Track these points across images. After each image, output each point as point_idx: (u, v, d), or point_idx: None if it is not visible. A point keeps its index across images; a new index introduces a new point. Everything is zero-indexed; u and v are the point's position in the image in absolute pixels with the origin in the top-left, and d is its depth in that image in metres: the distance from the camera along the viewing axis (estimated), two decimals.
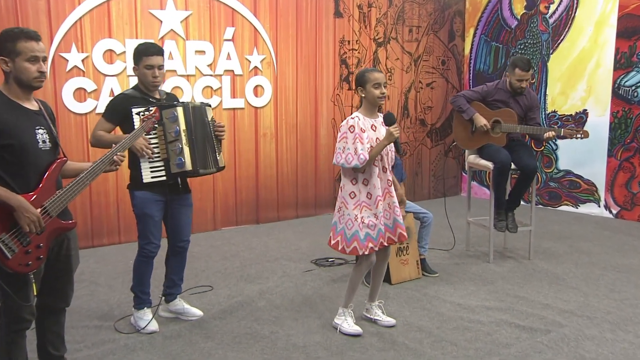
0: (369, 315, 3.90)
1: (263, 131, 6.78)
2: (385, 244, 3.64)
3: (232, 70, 6.46)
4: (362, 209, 3.52)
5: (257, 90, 6.70)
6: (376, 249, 3.55)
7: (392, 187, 3.65)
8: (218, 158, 3.78)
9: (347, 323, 3.77)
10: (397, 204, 3.64)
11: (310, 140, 7.20)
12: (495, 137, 5.26)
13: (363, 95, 3.52)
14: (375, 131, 3.53)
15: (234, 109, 6.54)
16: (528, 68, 5.14)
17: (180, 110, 3.61)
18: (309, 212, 7.26)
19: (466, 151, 5.65)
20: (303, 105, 7.11)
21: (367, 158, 3.42)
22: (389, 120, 3.48)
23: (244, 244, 5.97)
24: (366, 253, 3.54)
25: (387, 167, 3.61)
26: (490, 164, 5.21)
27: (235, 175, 6.66)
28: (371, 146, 3.49)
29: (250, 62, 6.59)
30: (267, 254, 5.61)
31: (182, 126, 3.60)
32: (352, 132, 3.45)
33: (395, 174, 4.77)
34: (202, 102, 3.77)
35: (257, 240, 6.12)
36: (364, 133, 3.46)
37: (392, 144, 3.59)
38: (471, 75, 8.55)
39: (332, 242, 3.64)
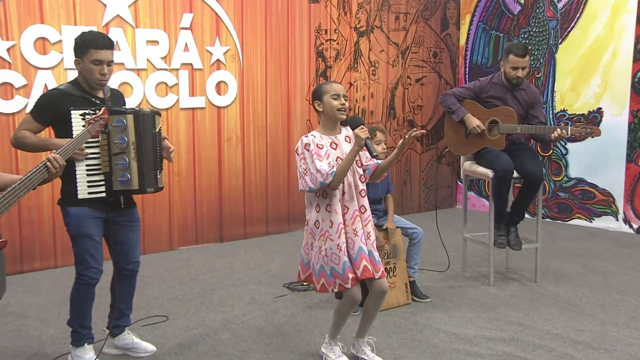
0: (355, 353, 3.91)
1: (227, 135, 6.78)
2: (359, 277, 3.59)
3: (191, 64, 6.45)
4: (326, 239, 3.55)
5: (220, 87, 6.69)
6: (348, 285, 3.56)
7: (368, 215, 3.67)
8: (159, 177, 3.76)
9: (333, 354, 3.82)
10: (369, 232, 3.65)
11: (282, 145, 7.20)
12: (493, 139, 5.30)
13: (320, 109, 3.58)
14: (336, 149, 3.59)
15: (193, 108, 6.53)
16: (523, 53, 5.16)
17: (130, 119, 3.58)
18: (281, 228, 7.26)
19: (462, 157, 5.68)
20: (274, 104, 7.11)
21: (333, 170, 3.46)
22: (354, 123, 3.53)
23: (205, 266, 5.96)
24: (335, 290, 3.58)
25: (353, 188, 3.63)
26: (489, 172, 5.24)
27: (195, 186, 6.64)
28: (337, 162, 3.56)
29: (211, 54, 6.58)
30: (233, 277, 5.59)
31: (132, 137, 3.58)
32: (308, 151, 3.50)
33: (380, 185, 4.78)
34: (152, 110, 3.74)
35: (220, 262, 6.10)
36: (321, 149, 3.52)
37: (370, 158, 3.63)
38: (467, 69, 8.60)
39: (302, 276, 3.70)
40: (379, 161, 3.68)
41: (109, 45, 3.62)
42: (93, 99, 3.66)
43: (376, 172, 3.68)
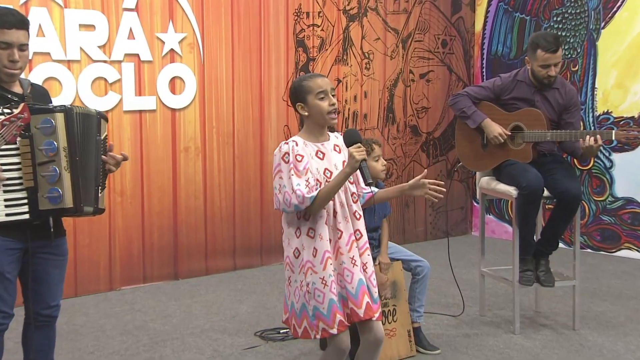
0: None
1: (184, 144, 6.83)
2: (346, 322, 3.60)
3: (137, 55, 6.48)
4: (307, 271, 3.58)
5: (175, 84, 6.72)
6: (334, 330, 3.55)
7: (365, 243, 3.72)
8: (100, 195, 3.72)
9: None
10: (366, 264, 3.69)
11: (254, 157, 7.24)
12: (517, 150, 5.35)
13: (306, 113, 3.63)
14: (323, 159, 3.65)
15: (140, 111, 6.56)
16: (555, 47, 5.18)
17: (60, 118, 3.51)
18: (252, 261, 7.31)
19: (477, 173, 5.72)
20: (243, 106, 7.15)
21: (313, 194, 3.50)
22: (350, 139, 3.58)
23: (156, 311, 5.97)
24: (318, 337, 3.58)
25: (346, 208, 3.68)
26: (512, 190, 5.28)
27: (143, 208, 6.67)
28: (323, 180, 3.62)
29: (163, 43, 6.61)
30: (191, 325, 5.60)
31: (62, 142, 3.51)
32: (286, 163, 3.56)
33: (378, 208, 4.77)
34: (98, 112, 3.71)
35: (175, 305, 6.12)
36: (300, 162, 3.56)
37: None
38: (485, 62, 8.64)
39: (283, 318, 3.75)
40: (375, 189, 3.74)
41: (21, 23, 3.55)
42: (7, 95, 3.58)
43: (369, 202, 3.76)
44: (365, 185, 3.58)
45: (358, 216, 3.68)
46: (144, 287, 6.61)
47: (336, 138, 3.73)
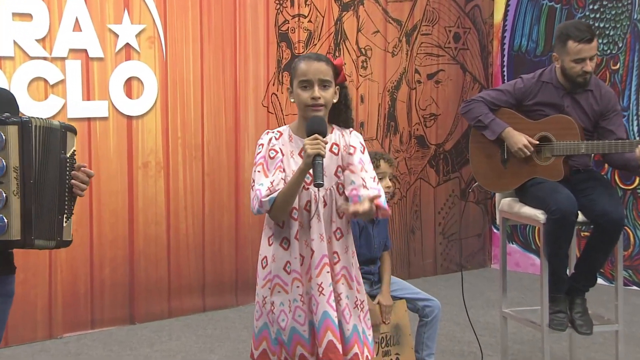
0: None
1: (143, 159, 6.82)
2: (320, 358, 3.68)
3: (85, 51, 6.46)
4: (273, 288, 3.71)
5: (132, 86, 6.73)
6: None
7: (341, 269, 3.76)
8: (64, 224, 3.66)
9: None
10: (343, 292, 3.73)
11: (228, 175, 7.25)
12: (544, 166, 5.37)
13: (292, 100, 3.80)
14: None
15: (88, 119, 6.53)
16: (589, 35, 5.16)
17: (13, 132, 3.46)
18: (226, 300, 7.30)
19: (497, 194, 5.76)
20: (214, 113, 7.17)
21: (272, 196, 3.61)
22: (309, 128, 3.65)
23: None
24: None
25: (323, 225, 3.72)
26: (539, 214, 5.27)
27: (92, 237, 6.63)
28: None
29: (117, 36, 6.60)
30: None
31: (14, 160, 3.46)
32: (259, 155, 3.75)
33: (378, 235, 4.92)
34: (62, 124, 3.66)
35: (130, 355, 6.09)
36: (272, 159, 3.71)
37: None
38: (506, 60, 8.68)
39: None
40: (366, 193, 3.65)
41: None
42: None
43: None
44: (313, 185, 3.59)
45: (338, 236, 3.75)
46: (92, 333, 6.56)
47: (342, 137, 3.79)
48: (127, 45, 6.63)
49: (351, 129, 3.85)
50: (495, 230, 8.79)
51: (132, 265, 6.81)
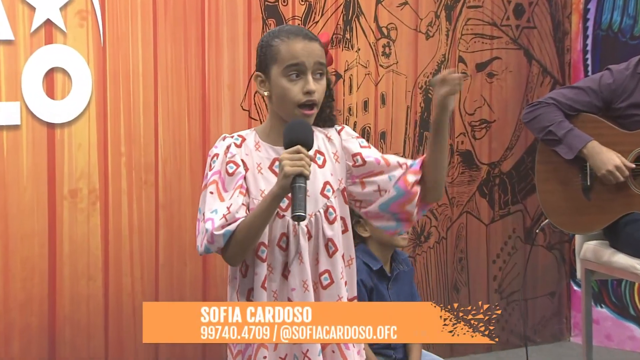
0: None
1: (70, 185, 6.66)
2: None
3: None
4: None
5: (55, 81, 6.59)
6: None
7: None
8: None
9: None
10: None
11: (192, 207, 6.95)
12: None
13: (265, 92, 3.81)
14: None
15: None
16: None
17: None
18: None
19: (577, 235, 6.00)
20: (173, 118, 7.01)
21: (228, 229, 3.59)
22: (288, 136, 3.64)
23: None
24: None
25: (308, 269, 3.75)
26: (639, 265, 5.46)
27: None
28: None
29: (34, 9, 6.43)
30: None
31: None
32: (211, 170, 3.72)
33: (395, 295, 5.22)
34: None
35: None
36: (231, 175, 3.69)
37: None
38: (590, 43, 8.51)
39: None
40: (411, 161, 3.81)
41: None
42: None
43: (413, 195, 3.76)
44: (292, 217, 3.53)
45: (326, 282, 3.80)
46: None
47: (328, 140, 3.84)
48: (48, 22, 6.49)
49: (337, 126, 3.88)
50: (575, 288, 8.62)
51: (52, 338, 6.65)
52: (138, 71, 6.86)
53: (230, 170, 3.68)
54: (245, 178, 3.71)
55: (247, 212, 3.67)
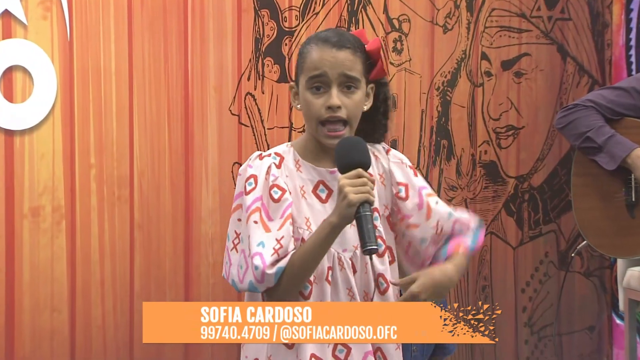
0: None
1: (32, 202, 6.65)
2: None
3: None
4: None
5: (13, 81, 6.59)
6: None
7: None
8: None
9: None
10: None
11: (173, 227, 7.06)
12: None
13: (298, 105, 3.83)
14: (327, 202, 3.77)
15: None
16: None
17: None
18: None
19: (619, 261, 6.14)
20: (150, 125, 6.97)
21: (279, 266, 3.57)
22: (343, 158, 3.64)
23: None
24: None
25: (355, 295, 3.76)
26: None
27: None
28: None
29: None
30: None
31: None
32: (248, 195, 3.66)
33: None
34: None
35: None
36: (277, 201, 3.65)
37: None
38: (634, 37, 8.48)
39: None
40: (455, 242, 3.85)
41: None
42: None
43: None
44: (363, 252, 3.55)
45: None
46: None
47: (376, 160, 3.80)
48: (6, 13, 6.52)
49: (384, 145, 3.85)
50: (618, 321, 8.42)
51: None
52: (110, 70, 6.79)
53: (276, 196, 3.66)
54: (291, 205, 3.67)
55: (281, 241, 3.63)
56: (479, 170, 7.98)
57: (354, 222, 3.56)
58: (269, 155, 3.74)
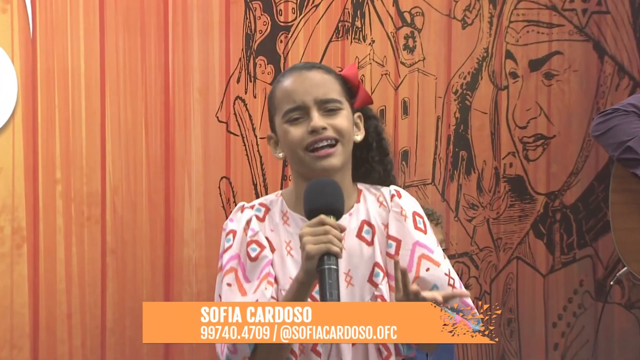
0: None
1: None
2: None
3: None
4: None
5: None
6: None
7: None
8: None
9: None
10: None
11: (151, 252, 7.08)
12: None
13: (280, 154, 3.93)
14: None
15: None
16: None
17: None
18: None
19: None
20: (126, 133, 6.99)
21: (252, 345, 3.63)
22: (309, 203, 3.66)
23: None
24: None
25: None
26: None
27: None
28: None
29: None
30: None
31: None
32: (225, 253, 3.76)
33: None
34: None
35: None
36: (255, 260, 3.73)
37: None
38: None
39: None
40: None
41: None
42: None
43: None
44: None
45: None
46: None
47: (380, 206, 3.82)
48: None
49: (394, 189, 3.80)
50: None
51: None
52: (79, 71, 6.80)
53: (253, 254, 3.75)
54: (271, 264, 3.74)
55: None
56: (503, 186, 7.99)
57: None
58: (252, 207, 3.82)
